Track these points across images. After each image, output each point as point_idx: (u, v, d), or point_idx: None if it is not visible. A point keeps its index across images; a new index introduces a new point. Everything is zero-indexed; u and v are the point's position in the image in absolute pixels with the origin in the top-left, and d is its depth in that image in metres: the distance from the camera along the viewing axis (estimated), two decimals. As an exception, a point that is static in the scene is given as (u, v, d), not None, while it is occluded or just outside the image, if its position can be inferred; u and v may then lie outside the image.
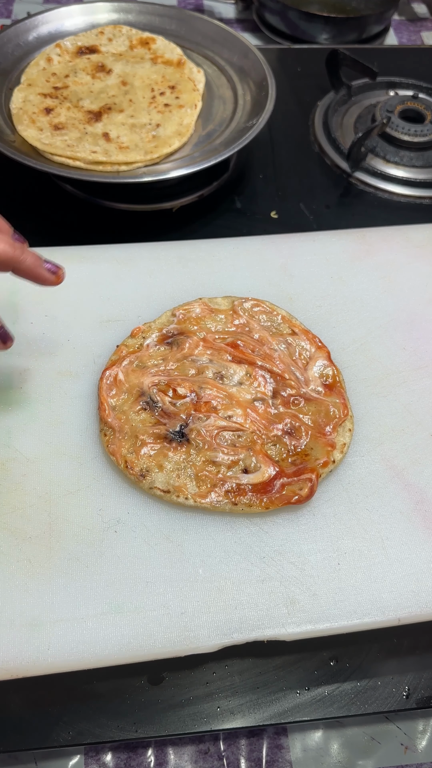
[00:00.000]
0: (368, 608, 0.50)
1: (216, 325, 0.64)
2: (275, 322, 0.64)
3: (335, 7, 1.14)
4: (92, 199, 0.81)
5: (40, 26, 0.89)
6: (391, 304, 0.68)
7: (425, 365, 0.64)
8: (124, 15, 0.93)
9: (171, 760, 0.50)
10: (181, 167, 0.74)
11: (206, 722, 0.48)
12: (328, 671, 0.50)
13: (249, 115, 0.81)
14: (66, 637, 0.47)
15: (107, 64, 0.87)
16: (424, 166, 0.88)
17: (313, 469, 0.54)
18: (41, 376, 0.61)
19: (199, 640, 0.48)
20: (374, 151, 0.88)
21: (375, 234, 0.74)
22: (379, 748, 0.52)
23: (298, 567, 0.51)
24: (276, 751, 0.51)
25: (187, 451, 0.55)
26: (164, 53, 0.89)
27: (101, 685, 0.48)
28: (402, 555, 0.52)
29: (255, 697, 0.49)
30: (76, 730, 0.47)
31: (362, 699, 0.49)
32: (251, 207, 0.83)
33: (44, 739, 0.47)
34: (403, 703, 0.49)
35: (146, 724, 0.47)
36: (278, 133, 0.91)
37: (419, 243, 0.74)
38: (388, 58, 1.06)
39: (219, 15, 1.18)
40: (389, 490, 0.56)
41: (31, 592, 0.49)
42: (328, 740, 0.52)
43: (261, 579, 0.51)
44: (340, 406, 0.59)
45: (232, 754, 0.51)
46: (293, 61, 1.03)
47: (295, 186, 0.86)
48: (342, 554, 0.52)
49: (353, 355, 0.64)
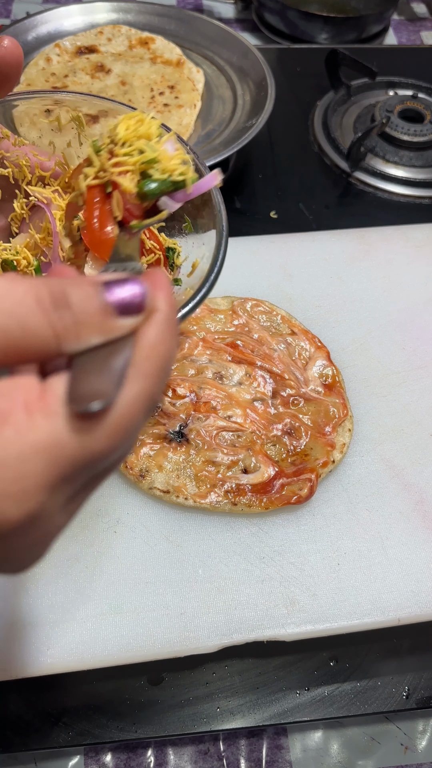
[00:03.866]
0: (368, 608, 0.50)
1: (215, 325, 0.64)
2: (275, 322, 0.64)
3: (334, 7, 1.13)
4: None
5: (39, 26, 0.89)
6: (391, 304, 0.68)
7: (425, 365, 0.64)
8: (124, 15, 0.93)
9: (171, 760, 0.50)
10: (180, 167, 0.74)
11: (206, 722, 0.48)
12: (328, 671, 0.50)
13: (248, 115, 0.81)
14: (66, 637, 0.47)
15: (106, 64, 0.87)
16: (424, 166, 0.88)
17: (313, 469, 0.54)
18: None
19: (199, 641, 0.48)
20: (374, 150, 0.88)
21: (374, 234, 0.74)
22: (379, 748, 0.52)
23: (298, 567, 0.51)
24: (276, 751, 0.51)
25: (186, 452, 0.55)
26: (163, 53, 0.89)
27: (101, 685, 0.48)
28: (402, 555, 0.52)
29: (255, 698, 0.49)
30: (75, 731, 0.47)
31: (362, 699, 0.49)
32: (251, 207, 0.83)
33: (44, 740, 0.47)
34: (402, 703, 0.49)
35: (146, 725, 0.47)
36: (278, 133, 0.91)
37: (419, 243, 0.74)
38: (388, 57, 1.06)
39: (218, 15, 1.18)
40: (389, 490, 0.56)
41: (31, 593, 0.49)
42: (328, 740, 0.52)
43: (261, 579, 0.51)
44: (339, 406, 0.59)
45: (232, 754, 0.51)
46: (293, 61, 1.03)
47: (295, 186, 0.86)
48: (342, 554, 0.52)
49: (353, 355, 0.64)
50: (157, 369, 0.24)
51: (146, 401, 0.24)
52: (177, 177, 0.31)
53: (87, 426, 0.22)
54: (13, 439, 0.21)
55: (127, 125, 0.31)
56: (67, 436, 0.22)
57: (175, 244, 0.51)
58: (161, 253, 0.49)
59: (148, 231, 0.45)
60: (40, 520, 0.23)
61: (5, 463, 0.21)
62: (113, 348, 0.23)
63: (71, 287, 0.23)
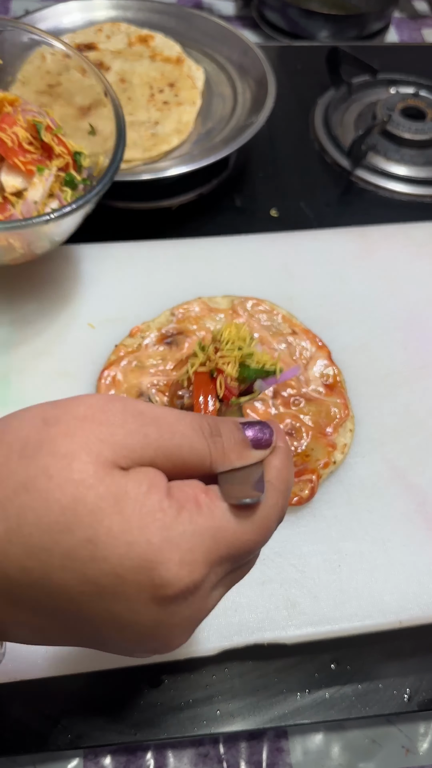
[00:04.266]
0: (370, 611, 0.49)
1: (215, 324, 0.63)
2: (275, 321, 0.64)
3: (335, 5, 1.13)
4: (91, 198, 0.80)
5: (38, 23, 0.88)
6: (393, 303, 0.68)
7: (427, 365, 0.63)
8: (123, 12, 0.93)
9: (170, 763, 0.50)
10: (180, 165, 0.74)
11: (206, 725, 0.47)
12: (329, 674, 0.49)
13: (249, 113, 0.81)
14: (64, 640, 0.47)
15: (105, 61, 0.86)
16: (426, 164, 0.87)
17: (314, 470, 0.54)
18: (39, 377, 0.60)
19: (199, 643, 0.48)
20: (375, 148, 0.88)
21: (376, 232, 0.74)
22: (380, 750, 0.51)
23: (299, 569, 0.51)
24: (276, 754, 0.51)
25: (186, 452, 0.54)
26: (163, 50, 0.88)
27: (100, 688, 0.48)
28: (404, 557, 0.52)
29: (255, 700, 0.48)
30: (74, 734, 0.46)
31: (363, 701, 0.49)
32: (251, 205, 0.82)
33: (43, 743, 0.46)
34: (404, 705, 0.49)
35: (145, 728, 0.47)
36: (278, 131, 0.91)
37: (421, 241, 0.73)
38: (389, 55, 1.05)
39: (218, 12, 1.17)
40: (391, 492, 0.55)
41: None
42: (328, 743, 0.52)
43: (261, 581, 0.50)
44: (340, 406, 0.58)
45: (232, 757, 0.50)
46: (293, 59, 1.02)
47: (296, 184, 0.85)
48: (343, 556, 0.52)
49: (354, 354, 0.64)
50: (285, 487, 0.32)
51: (280, 510, 0.31)
52: (269, 367, 0.42)
53: (243, 514, 0.29)
54: (188, 520, 0.27)
55: (229, 331, 0.43)
56: (227, 521, 0.28)
57: (82, 149, 0.60)
58: (69, 157, 0.58)
59: (57, 138, 0.58)
60: (198, 593, 0.28)
61: (183, 537, 0.27)
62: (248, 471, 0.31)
63: (221, 423, 0.31)
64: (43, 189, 0.56)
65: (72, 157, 0.58)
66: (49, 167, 0.57)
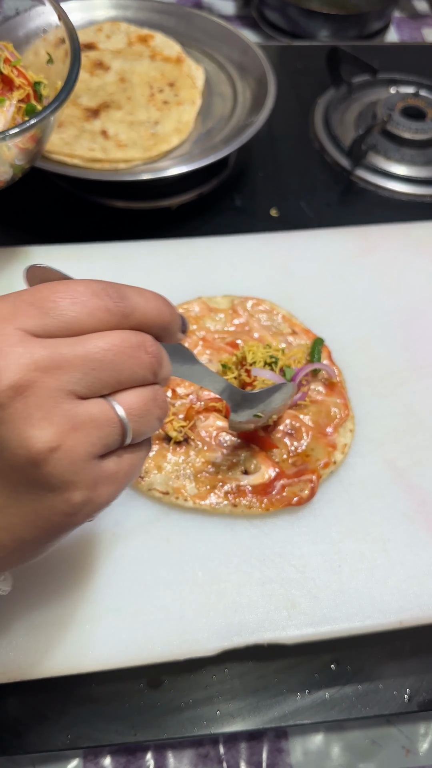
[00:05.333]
0: (370, 611, 0.49)
1: (215, 324, 0.63)
2: (275, 321, 0.64)
3: (335, 4, 1.13)
4: (90, 198, 0.80)
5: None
6: (393, 303, 0.68)
7: (427, 364, 0.63)
8: (123, 11, 0.92)
9: (170, 763, 0.50)
10: (180, 165, 0.74)
11: (206, 726, 0.47)
12: (329, 674, 0.49)
13: (249, 113, 0.80)
14: (64, 640, 0.47)
15: (105, 61, 0.86)
16: (426, 164, 0.87)
17: (314, 470, 0.54)
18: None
19: (199, 644, 0.48)
20: (375, 148, 0.88)
21: (376, 232, 0.74)
22: (380, 751, 0.51)
23: (299, 569, 0.51)
24: (276, 754, 0.51)
25: (186, 452, 0.54)
26: (163, 50, 0.88)
27: (100, 688, 0.48)
28: (404, 557, 0.52)
29: (255, 701, 0.48)
30: (74, 734, 0.46)
31: (363, 702, 0.48)
32: (251, 205, 0.82)
33: (42, 743, 0.46)
34: (404, 706, 0.49)
35: (145, 728, 0.47)
36: (278, 131, 0.91)
37: (421, 241, 0.73)
38: (389, 55, 1.05)
39: (218, 11, 1.17)
40: (391, 492, 0.55)
41: (28, 596, 0.49)
42: (329, 743, 0.51)
43: (261, 582, 0.50)
44: (341, 406, 0.58)
45: (232, 757, 0.50)
46: (293, 58, 1.02)
47: (296, 184, 0.85)
48: (343, 556, 0.52)
49: (354, 354, 0.64)
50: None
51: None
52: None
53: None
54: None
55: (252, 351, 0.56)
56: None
57: (41, 78, 0.61)
58: (30, 88, 0.60)
59: (17, 70, 0.59)
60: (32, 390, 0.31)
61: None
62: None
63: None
64: (5, 120, 0.58)
65: (32, 87, 0.60)
66: (10, 98, 0.58)
